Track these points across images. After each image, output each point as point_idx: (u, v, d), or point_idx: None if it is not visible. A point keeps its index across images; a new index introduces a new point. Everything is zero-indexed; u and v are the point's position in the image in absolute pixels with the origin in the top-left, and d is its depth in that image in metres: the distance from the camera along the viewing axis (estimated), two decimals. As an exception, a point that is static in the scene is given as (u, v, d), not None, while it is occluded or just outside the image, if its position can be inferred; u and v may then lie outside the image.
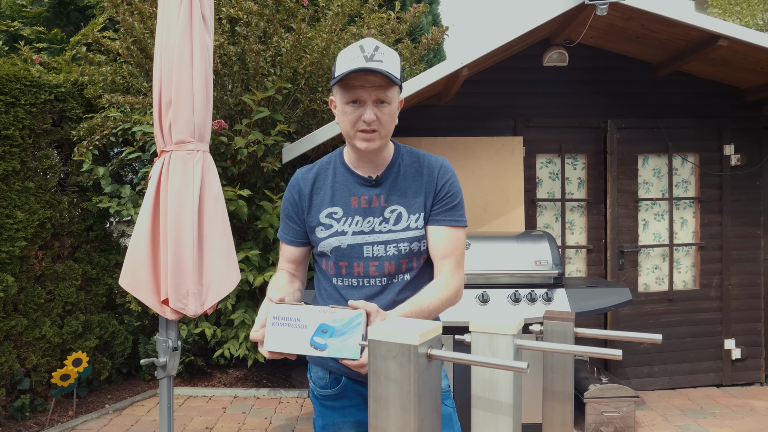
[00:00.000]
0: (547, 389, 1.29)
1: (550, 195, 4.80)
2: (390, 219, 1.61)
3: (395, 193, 1.62)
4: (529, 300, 3.71)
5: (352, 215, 1.61)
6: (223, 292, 2.83)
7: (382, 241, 1.60)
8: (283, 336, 1.33)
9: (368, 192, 1.62)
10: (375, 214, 1.61)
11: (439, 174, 1.63)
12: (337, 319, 1.30)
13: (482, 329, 1.17)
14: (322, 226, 1.63)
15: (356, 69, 1.45)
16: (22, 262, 4.07)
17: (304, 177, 1.69)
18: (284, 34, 4.39)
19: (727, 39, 3.83)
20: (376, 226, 1.60)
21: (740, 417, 4.13)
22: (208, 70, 2.86)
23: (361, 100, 1.50)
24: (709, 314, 4.80)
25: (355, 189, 1.62)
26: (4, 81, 3.93)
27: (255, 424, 4.12)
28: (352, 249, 1.60)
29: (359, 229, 1.60)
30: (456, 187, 1.65)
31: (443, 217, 1.62)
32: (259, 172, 4.45)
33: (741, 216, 4.83)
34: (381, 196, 1.61)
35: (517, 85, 4.76)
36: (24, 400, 4.09)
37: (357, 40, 4.72)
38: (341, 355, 1.28)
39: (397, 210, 1.61)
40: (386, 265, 1.60)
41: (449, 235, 1.61)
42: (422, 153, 1.69)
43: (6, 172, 3.94)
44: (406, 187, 1.62)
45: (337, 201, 1.62)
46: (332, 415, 1.71)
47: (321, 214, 1.63)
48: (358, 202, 1.61)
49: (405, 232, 1.60)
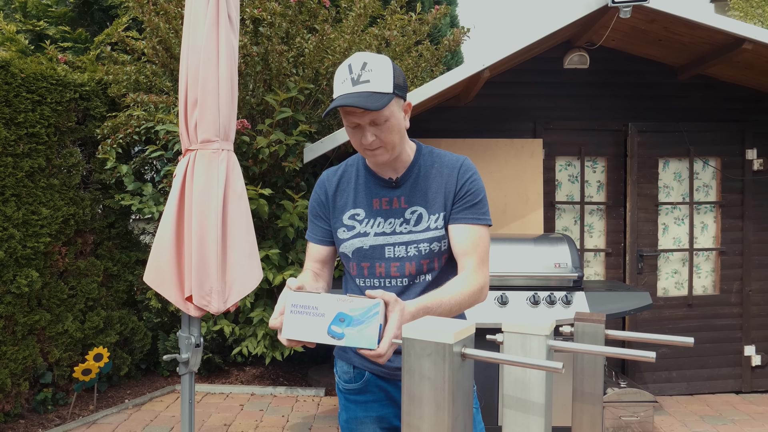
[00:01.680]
0: (577, 391, 1.30)
1: (569, 198, 4.78)
2: (411, 220, 1.62)
3: (415, 194, 1.63)
4: (548, 303, 3.71)
5: (374, 216, 1.63)
6: (246, 289, 2.86)
7: (403, 242, 1.61)
8: (301, 324, 1.31)
9: (389, 194, 1.63)
10: (396, 216, 1.62)
11: (459, 173, 1.62)
12: (354, 308, 1.28)
13: (515, 329, 1.17)
14: (344, 227, 1.65)
15: (338, 105, 1.45)
16: (46, 257, 4.14)
17: (329, 178, 1.72)
18: (307, 35, 4.42)
19: (753, 42, 3.79)
20: (397, 228, 1.62)
21: (760, 424, 4.08)
22: (233, 69, 2.89)
23: (358, 124, 1.51)
24: (728, 320, 4.75)
25: (376, 191, 1.64)
26: (31, 80, 4.00)
27: (272, 422, 4.15)
28: (374, 250, 1.62)
29: (381, 230, 1.62)
30: (477, 184, 1.63)
31: (464, 215, 1.60)
32: (280, 171, 4.48)
33: (763, 221, 4.78)
34: (402, 198, 1.63)
35: (538, 87, 4.75)
36: (46, 394, 4.16)
37: (379, 42, 4.78)
38: (358, 345, 1.25)
39: (417, 211, 1.62)
40: (407, 265, 1.62)
41: (471, 233, 1.59)
42: (443, 153, 1.68)
43: (32, 169, 4.01)
44: (426, 187, 1.63)
45: (360, 203, 1.65)
46: (355, 409, 1.73)
47: (344, 215, 1.66)
48: (380, 204, 1.63)
49: (425, 232, 1.61)
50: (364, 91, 1.45)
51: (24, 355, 3.91)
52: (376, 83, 1.46)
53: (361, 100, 1.43)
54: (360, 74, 1.46)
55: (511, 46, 3.94)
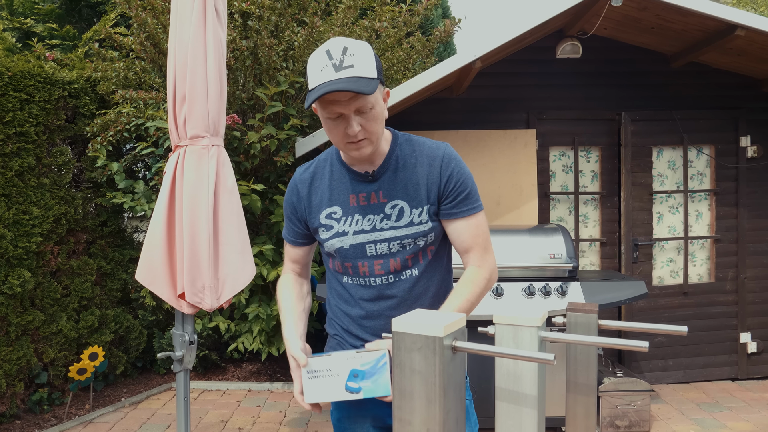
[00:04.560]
0: (571, 381, 1.28)
1: (564, 188, 4.77)
2: (392, 215, 1.53)
3: (395, 187, 1.54)
4: (543, 293, 3.70)
5: (352, 214, 1.55)
6: (239, 286, 2.84)
7: (385, 239, 1.53)
8: (320, 387, 1.44)
9: (366, 188, 1.54)
10: (375, 211, 1.54)
11: (442, 165, 1.53)
12: (364, 363, 1.40)
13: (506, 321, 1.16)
14: (323, 227, 1.59)
15: (325, 91, 1.34)
16: (39, 257, 4.10)
17: (301, 178, 1.64)
18: (296, 28, 4.38)
19: (745, 29, 3.78)
20: (377, 224, 1.54)
21: (757, 411, 4.09)
22: (221, 64, 2.86)
23: (341, 113, 1.40)
24: (724, 307, 4.76)
25: (352, 186, 1.55)
26: (18, 78, 3.96)
27: (270, 418, 4.14)
28: (355, 249, 1.55)
29: (360, 228, 1.54)
30: (463, 174, 1.54)
31: (458, 209, 1.53)
32: (272, 166, 4.46)
33: (757, 208, 4.78)
34: (380, 192, 1.54)
35: (530, 77, 4.73)
36: (42, 394, 4.13)
37: (369, 34, 4.74)
38: (375, 395, 1.38)
39: (398, 205, 1.53)
40: (391, 262, 1.55)
41: (468, 226, 1.54)
42: (421, 141, 1.59)
43: (21, 169, 3.97)
44: (406, 179, 1.53)
45: (336, 200, 1.57)
46: (348, 407, 1.71)
47: (321, 214, 1.59)
48: (357, 200, 1.55)
49: (408, 227, 1.53)
50: (352, 77, 1.35)
51: (18, 355, 3.88)
52: (360, 68, 1.37)
53: (352, 85, 1.33)
54: (342, 59, 1.36)
55: (502, 36, 3.91)
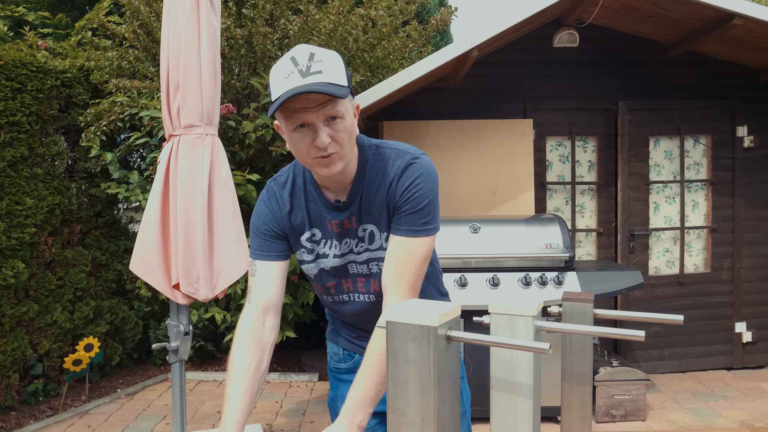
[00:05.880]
0: (566, 371, 1.28)
1: (560, 178, 4.76)
2: (365, 238, 1.49)
3: (364, 212, 1.47)
4: (539, 283, 3.70)
5: (330, 237, 1.52)
6: (234, 276, 2.83)
7: (363, 261, 1.51)
8: None
9: (338, 216, 1.49)
10: (350, 236, 1.50)
11: (401, 180, 1.41)
12: None
13: (502, 311, 1.14)
14: (304, 249, 1.54)
15: (292, 93, 1.22)
16: (32, 248, 4.08)
17: (280, 194, 1.53)
18: (291, 16, 4.35)
19: (743, 17, 3.76)
20: (354, 247, 1.51)
21: (751, 400, 4.11)
22: (215, 52, 2.83)
23: (309, 123, 1.28)
24: (720, 297, 4.77)
25: (326, 213, 1.50)
26: (10, 67, 3.91)
27: (266, 408, 4.14)
28: (337, 270, 1.54)
29: (339, 252, 1.52)
30: (423, 189, 1.40)
31: (399, 226, 1.41)
32: (268, 156, 4.43)
33: (753, 198, 4.77)
34: (352, 218, 1.48)
35: (527, 66, 4.70)
36: (37, 385, 4.12)
37: (365, 22, 4.71)
38: None
39: (368, 229, 1.49)
40: (372, 282, 1.53)
41: (400, 249, 1.40)
42: (390, 153, 1.46)
43: (14, 159, 3.94)
44: (370, 202, 1.46)
45: (315, 223, 1.52)
46: (344, 387, 1.73)
47: (302, 236, 1.53)
48: (331, 227, 1.50)
49: (379, 251, 1.49)
50: (321, 82, 1.24)
51: (13, 346, 3.87)
52: (329, 74, 1.26)
53: (321, 87, 1.22)
54: (309, 65, 1.25)
55: (499, 25, 3.88)
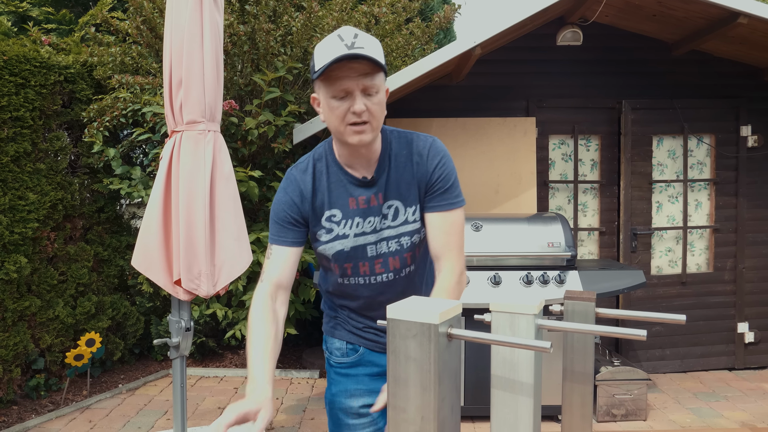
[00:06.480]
0: (567, 370, 1.27)
1: (563, 177, 4.75)
2: (388, 215, 1.57)
3: (390, 188, 1.57)
4: (541, 282, 3.69)
5: (352, 217, 1.56)
6: (236, 272, 2.83)
7: (384, 238, 1.58)
8: None
9: (366, 192, 1.56)
10: (374, 213, 1.57)
11: (429, 160, 1.56)
12: None
13: (503, 309, 1.14)
14: (323, 229, 1.58)
15: (339, 57, 1.35)
16: (35, 243, 4.09)
17: (302, 178, 1.58)
18: (294, 12, 4.34)
19: (748, 16, 3.74)
20: (377, 225, 1.57)
21: (753, 400, 4.11)
22: (218, 49, 2.83)
23: (348, 91, 1.41)
24: (722, 297, 4.76)
25: (351, 190, 1.56)
26: (14, 62, 3.91)
27: (267, 405, 4.14)
28: (356, 251, 1.58)
29: (360, 230, 1.57)
30: (447, 167, 1.57)
31: (435, 203, 1.56)
32: (270, 153, 4.43)
33: (757, 198, 4.76)
34: (379, 194, 1.57)
35: (530, 65, 4.69)
36: (39, 380, 4.13)
37: (368, 19, 4.69)
38: None
39: (393, 205, 1.57)
40: (391, 261, 1.59)
41: (444, 222, 1.56)
42: (411, 136, 1.61)
43: (17, 154, 3.94)
44: (399, 179, 1.57)
45: (335, 203, 1.57)
46: (345, 381, 1.73)
47: (323, 217, 1.57)
48: (357, 203, 1.56)
49: (404, 226, 1.58)
50: (365, 53, 1.36)
51: (15, 341, 3.88)
52: (371, 52, 1.38)
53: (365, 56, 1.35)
54: (354, 41, 1.37)
55: (502, 22, 3.87)
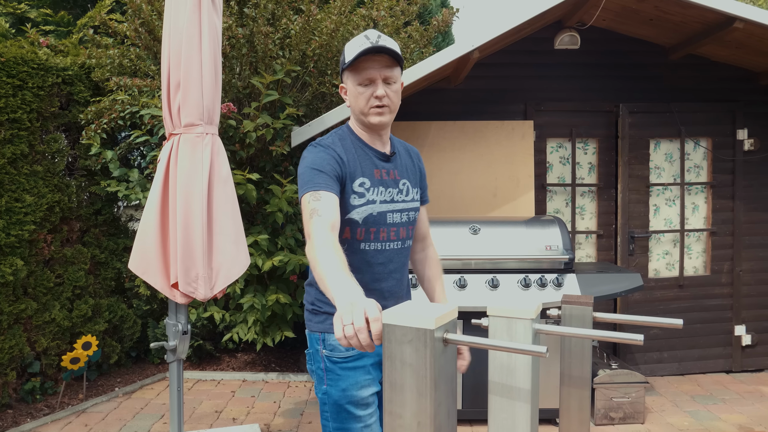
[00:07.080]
0: (565, 374, 1.27)
1: (561, 180, 4.75)
2: (403, 190, 1.85)
3: (402, 169, 1.87)
4: (539, 285, 3.69)
5: (377, 186, 1.78)
6: (233, 275, 2.82)
7: (398, 210, 1.82)
8: None
9: (386, 166, 1.82)
10: (393, 186, 1.82)
11: (419, 161, 1.98)
12: None
13: (500, 313, 1.14)
14: (355, 194, 1.75)
15: (366, 49, 1.64)
16: (31, 245, 4.07)
17: (335, 144, 1.76)
18: (293, 16, 4.34)
19: (744, 21, 3.75)
20: (395, 196, 1.82)
21: (750, 403, 4.11)
22: (216, 52, 2.83)
23: (372, 79, 1.69)
24: (719, 300, 4.76)
25: (375, 162, 1.79)
26: (11, 64, 3.91)
27: (264, 408, 4.13)
28: (380, 216, 1.78)
29: (384, 198, 1.79)
30: None
31: (422, 197, 1.99)
32: (268, 155, 4.43)
33: (753, 201, 4.77)
34: (395, 171, 1.84)
35: (528, 68, 4.69)
36: (34, 383, 4.12)
37: (366, 22, 4.70)
38: None
39: (406, 183, 1.86)
40: (401, 230, 1.84)
41: (424, 211, 2.04)
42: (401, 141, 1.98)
43: (14, 156, 3.93)
44: (405, 164, 1.90)
45: (365, 172, 1.77)
46: (354, 375, 1.73)
47: (355, 183, 1.75)
48: (380, 174, 1.80)
49: (412, 202, 1.88)
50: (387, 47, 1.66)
51: (11, 344, 3.86)
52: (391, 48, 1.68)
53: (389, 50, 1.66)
54: (378, 40, 1.67)
55: (501, 26, 3.87)
